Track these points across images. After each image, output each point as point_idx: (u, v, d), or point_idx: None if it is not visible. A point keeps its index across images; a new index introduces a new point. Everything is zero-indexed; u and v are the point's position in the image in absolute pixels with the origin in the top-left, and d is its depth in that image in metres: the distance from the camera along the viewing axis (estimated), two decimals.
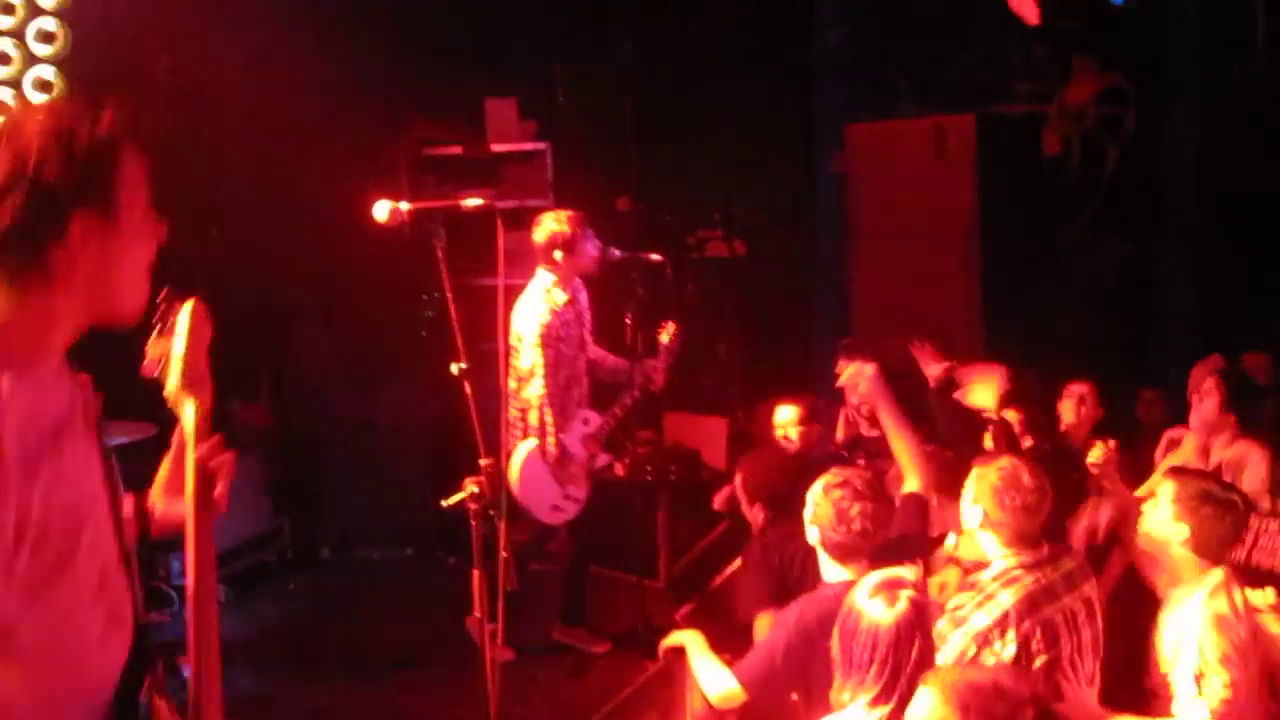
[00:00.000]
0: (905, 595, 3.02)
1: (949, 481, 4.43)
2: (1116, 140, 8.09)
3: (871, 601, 3.02)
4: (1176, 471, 3.79)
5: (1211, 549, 3.53)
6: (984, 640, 3.58)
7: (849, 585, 3.72)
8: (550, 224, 5.89)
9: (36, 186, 1.99)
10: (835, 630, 3.10)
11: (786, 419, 6.01)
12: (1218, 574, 3.52)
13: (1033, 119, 7.93)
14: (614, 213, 8.54)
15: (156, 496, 2.51)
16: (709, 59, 8.24)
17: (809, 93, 8.43)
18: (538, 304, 5.83)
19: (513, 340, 5.80)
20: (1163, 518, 3.57)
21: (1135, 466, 5.34)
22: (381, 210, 3.63)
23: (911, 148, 7.27)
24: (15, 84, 6.52)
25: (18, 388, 1.98)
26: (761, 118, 8.32)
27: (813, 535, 3.90)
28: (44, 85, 6.61)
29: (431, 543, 7.72)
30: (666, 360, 6.12)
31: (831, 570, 3.89)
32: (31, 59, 6.57)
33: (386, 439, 7.91)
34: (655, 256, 6.07)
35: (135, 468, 2.75)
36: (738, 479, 4.93)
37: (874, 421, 6.11)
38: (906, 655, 2.98)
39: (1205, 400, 5.26)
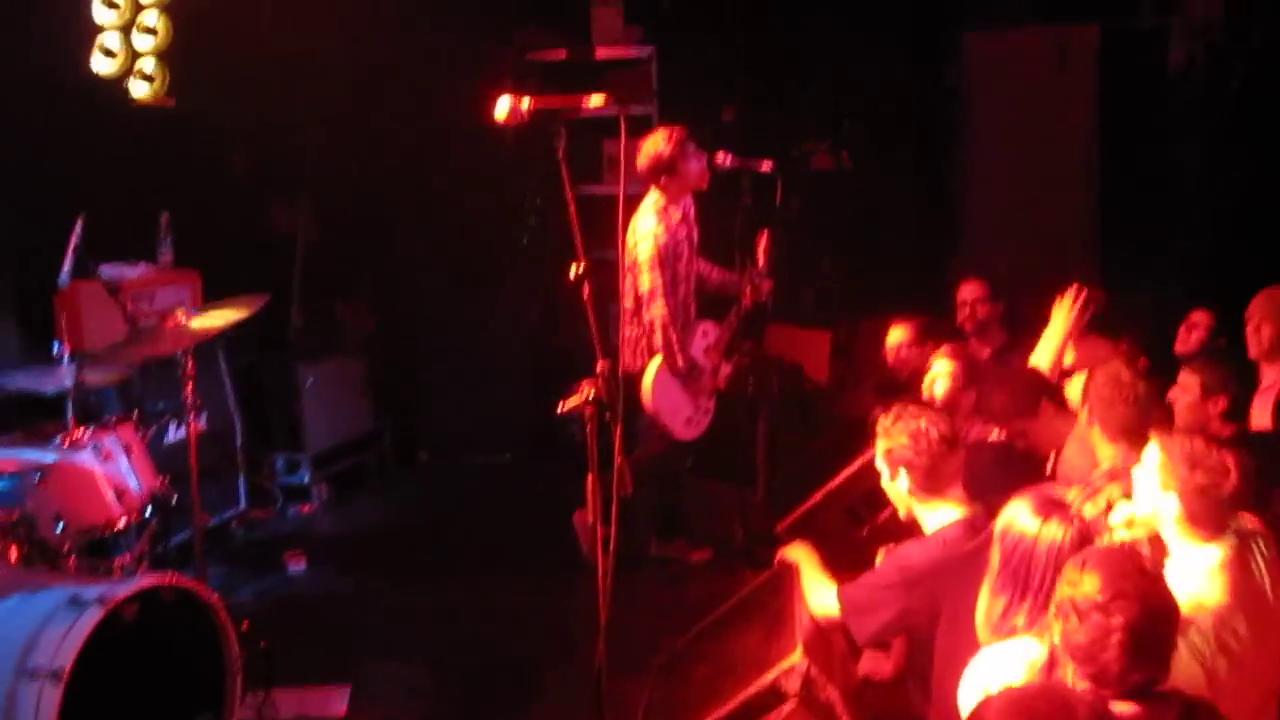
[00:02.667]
0: (1073, 513, 3.00)
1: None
2: (1244, 55, 7.75)
3: (1047, 524, 2.97)
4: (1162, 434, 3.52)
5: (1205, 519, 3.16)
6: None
7: (960, 528, 3.70)
8: (651, 147, 5.82)
9: None
10: (1000, 557, 3.04)
11: (896, 340, 5.90)
12: (1218, 550, 3.13)
13: (1158, 32, 7.62)
14: (719, 121, 8.40)
15: None
16: None
17: (924, 1, 8.16)
18: (652, 224, 5.78)
19: (629, 261, 5.77)
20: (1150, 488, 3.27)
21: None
22: (502, 107, 3.56)
23: (1031, 59, 7.04)
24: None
25: None
26: (873, 26, 8.09)
27: (902, 484, 3.80)
28: None
29: (530, 448, 7.75)
30: (768, 268, 6.04)
31: (932, 515, 3.79)
32: None
33: (487, 344, 7.92)
34: (766, 166, 5.97)
35: None
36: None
37: (981, 339, 6.01)
38: None
39: None
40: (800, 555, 4.08)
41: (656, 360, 5.81)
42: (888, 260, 8.16)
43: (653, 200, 5.86)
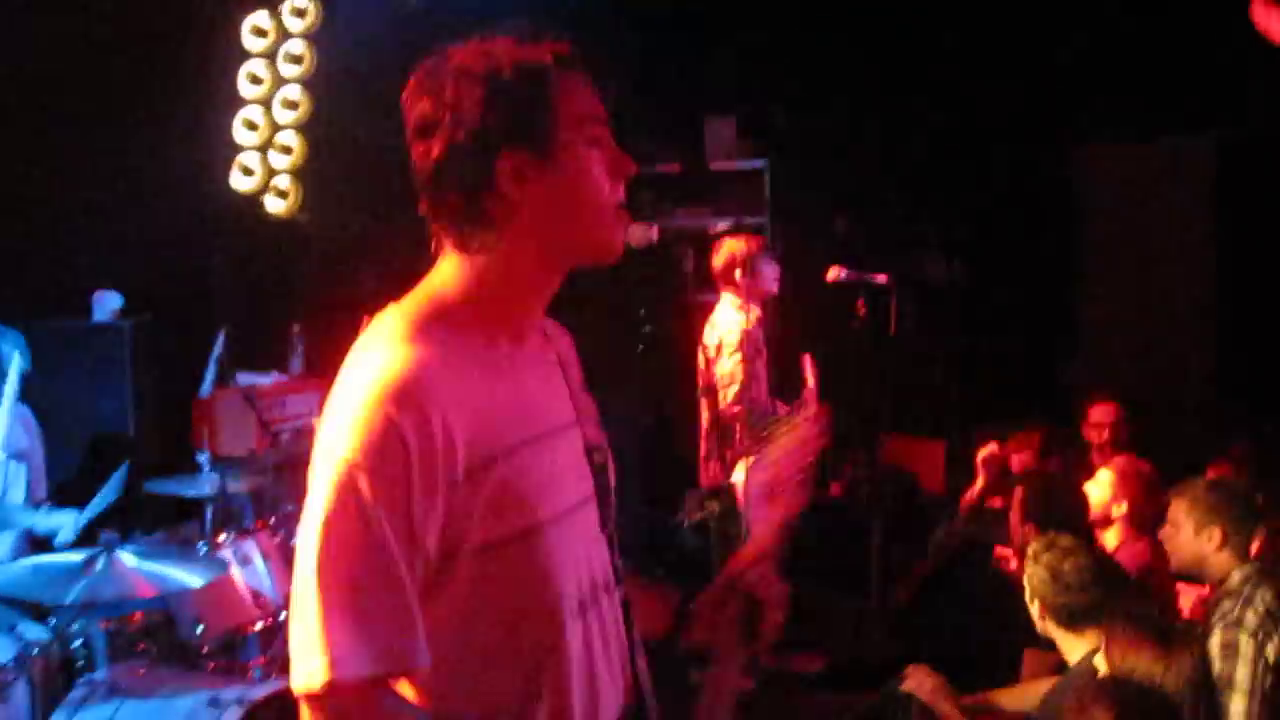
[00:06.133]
0: (1186, 630, 2.98)
1: None
2: None
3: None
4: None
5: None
6: (1265, 634, 3.54)
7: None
8: (728, 244, 5.99)
9: (457, 131, 1.83)
10: None
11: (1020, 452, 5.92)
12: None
13: (1275, 140, 7.57)
14: (832, 231, 8.52)
15: (705, 605, 2.28)
16: (934, 77, 8.11)
17: (1038, 112, 8.23)
18: (734, 316, 5.92)
19: (702, 358, 5.90)
20: None
21: None
22: (632, 233, 3.69)
23: (1146, 170, 7.05)
24: (265, 102, 6.87)
25: (473, 364, 1.84)
26: (987, 138, 8.17)
27: (1037, 612, 3.84)
28: (291, 104, 6.96)
29: (644, 557, 7.78)
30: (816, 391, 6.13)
31: (1067, 648, 3.80)
32: (280, 80, 6.91)
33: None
34: (881, 277, 6.05)
35: None
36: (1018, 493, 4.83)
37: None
38: None
39: None
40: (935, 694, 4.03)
41: (746, 464, 5.68)
42: (1002, 369, 8.13)
43: (729, 300, 6.01)
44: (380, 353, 1.79)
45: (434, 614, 1.75)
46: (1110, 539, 5.12)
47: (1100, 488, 5.05)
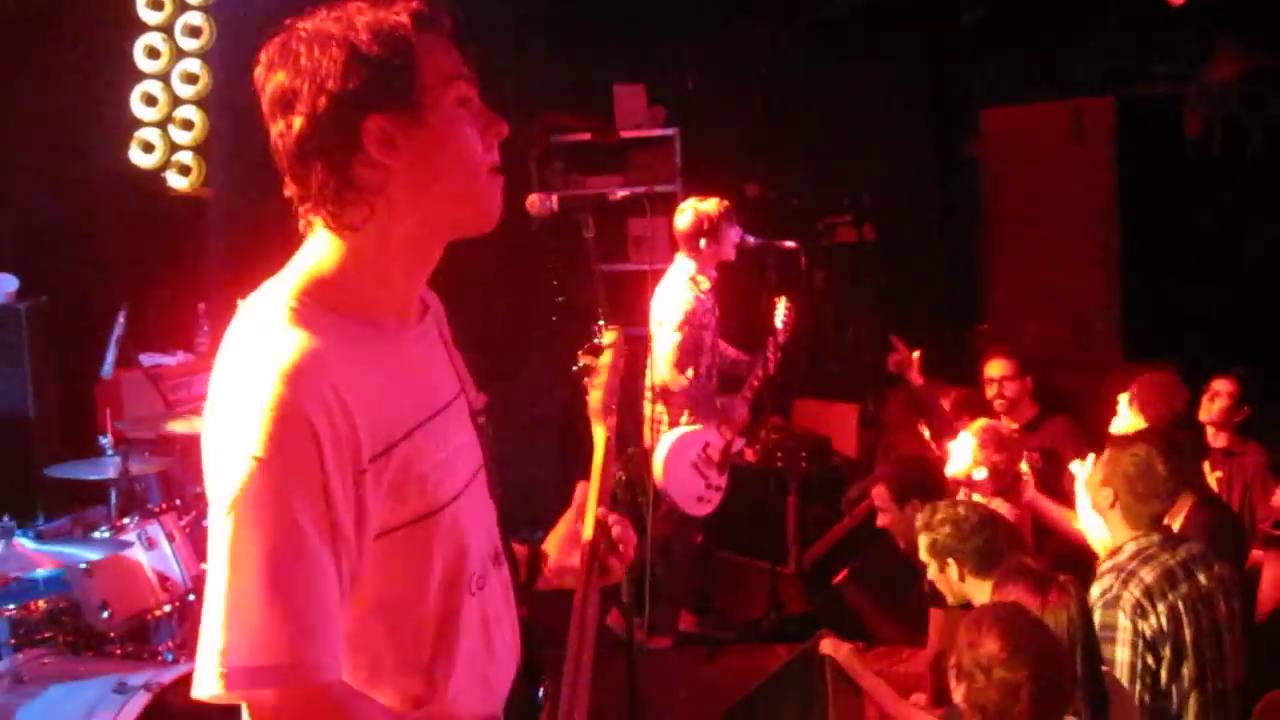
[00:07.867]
0: (1067, 583, 3.07)
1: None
2: (1261, 122, 7.84)
3: (1048, 602, 3.05)
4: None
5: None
6: (1141, 612, 3.56)
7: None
8: (695, 209, 5.89)
9: (319, 99, 1.72)
10: None
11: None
12: None
13: (1173, 101, 7.71)
14: (743, 198, 8.54)
15: (551, 546, 2.29)
16: (840, 43, 8.16)
17: (942, 76, 8.32)
18: (683, 290, 5.83)
19: (652, 327, 5.79)
20: None
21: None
22: (532, 203, 3.66)
23: (1049, 131, 7.12)
24: (164, 76, 6.73)
25: (362, 346, 1.76)
26: (893, 102, 8.23)
27: (954, 574, 3.86)
28: (191, 78, 6.82)
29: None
30: (784, 338, 6.07)
31: (981, 592, 3.82)
32: (179, 53, 6.78)
33: (514, 426, 7.98)
34: (790, 244, 6.07)
35: None
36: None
37: (1011, 415, 6.04)
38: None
39: None
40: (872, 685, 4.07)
41: (670, 436, 5.76)
42: (913, 331, 8.22)
43: (683, 268, 5.93)
44: (270, 338, 1.69)
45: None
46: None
47: (961, 450, 5.09)
